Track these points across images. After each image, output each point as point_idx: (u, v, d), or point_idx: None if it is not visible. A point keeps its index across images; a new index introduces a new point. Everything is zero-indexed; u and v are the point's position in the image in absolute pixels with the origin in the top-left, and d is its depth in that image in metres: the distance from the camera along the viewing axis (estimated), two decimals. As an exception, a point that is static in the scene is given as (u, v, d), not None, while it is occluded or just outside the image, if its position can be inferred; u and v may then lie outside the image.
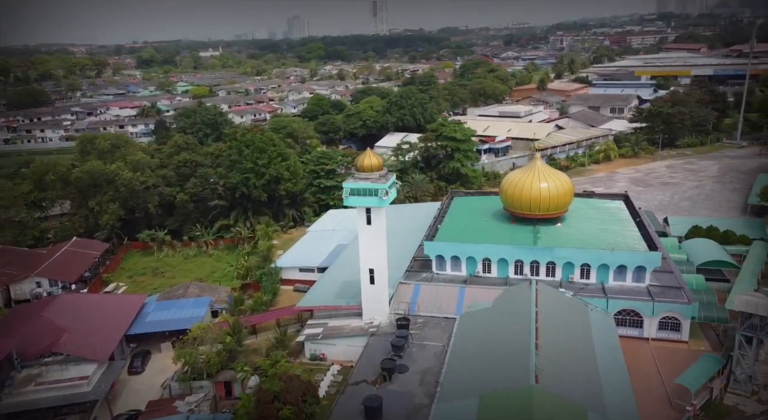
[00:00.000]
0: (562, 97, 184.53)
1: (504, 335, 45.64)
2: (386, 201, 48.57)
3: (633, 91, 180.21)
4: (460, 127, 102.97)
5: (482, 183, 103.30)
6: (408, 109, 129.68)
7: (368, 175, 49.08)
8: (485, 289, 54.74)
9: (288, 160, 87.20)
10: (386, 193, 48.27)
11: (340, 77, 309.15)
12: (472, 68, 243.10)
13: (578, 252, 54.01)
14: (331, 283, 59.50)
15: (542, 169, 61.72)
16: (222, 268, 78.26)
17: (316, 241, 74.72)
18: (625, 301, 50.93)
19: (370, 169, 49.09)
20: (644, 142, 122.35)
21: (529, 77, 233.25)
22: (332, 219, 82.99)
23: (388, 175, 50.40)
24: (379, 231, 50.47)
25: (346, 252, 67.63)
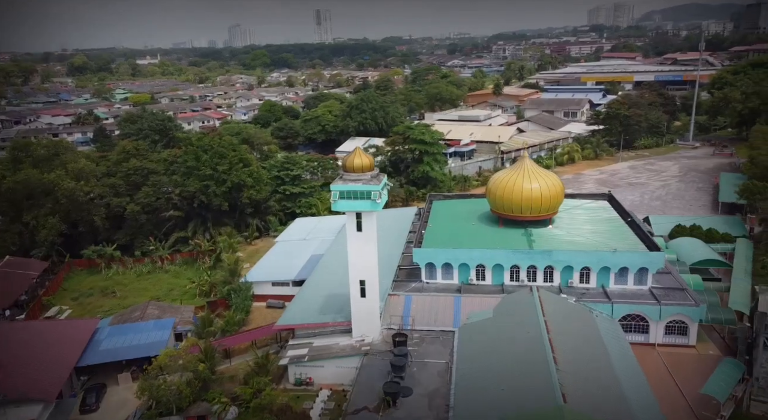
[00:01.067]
0: (515, 102, 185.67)
1: (514, 348, 41.74)
2: (380, 204, 43.91)
3: (583, 95, 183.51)
4: (428, 129, 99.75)
5: (452, 186, 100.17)
6: (369, 112, 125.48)
7: (359, 176, 44.29)
8: (482, 297, 50.85)
9: (250, 165, 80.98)
10: (380, 196, 43.60)
11: (289, 84, 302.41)
12: (424, 74, 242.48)
13: (578, 255, 51.04)
14: (312, 298, 54.04)
15: (531, 168, 58.72)
16: (181, 284, 71.04)
17: (287, 252, 68.93)
18: (630, 305, 48.22)
19: (361, 169, 44.33)
20: (605, 144, 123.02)
21: (480, 83, 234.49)
22: (301, 227, 77.35)
23: (379, 175, 45.81)
24: (370, 238, 45.71)
25: (324, 262, 62.36)
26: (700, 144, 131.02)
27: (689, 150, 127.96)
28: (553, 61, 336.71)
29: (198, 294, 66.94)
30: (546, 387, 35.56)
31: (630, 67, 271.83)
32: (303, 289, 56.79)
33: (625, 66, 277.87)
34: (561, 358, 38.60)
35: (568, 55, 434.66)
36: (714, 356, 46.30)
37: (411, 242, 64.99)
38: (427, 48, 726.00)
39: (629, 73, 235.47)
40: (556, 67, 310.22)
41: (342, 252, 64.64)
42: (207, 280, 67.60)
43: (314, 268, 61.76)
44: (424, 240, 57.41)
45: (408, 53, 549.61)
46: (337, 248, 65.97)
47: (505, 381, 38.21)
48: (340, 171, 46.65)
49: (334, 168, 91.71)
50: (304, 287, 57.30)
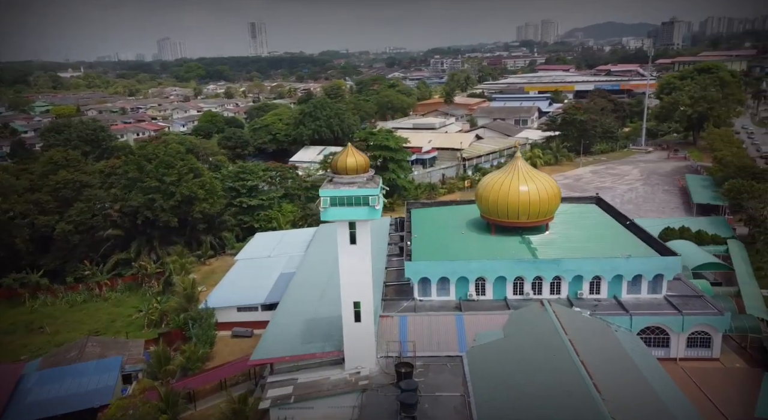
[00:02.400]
0: (465, 110, 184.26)
1: (543, 376, 35.94)
2: (379, 210, 37.25)
3: (531, 103, 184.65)
4: (391, 135, 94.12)
5: (418, 195, 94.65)
6: (324, 120, 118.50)
7: (352, 179, 37.53)
8: (486, 315, 44.98)
9: (202, 175, 72.13)
10: (378, 201, 36.99)
11: (228, 95, 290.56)
12: (370, 84, 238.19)
13: (589, 263, 46.23)
14: (291, 324, 46.33)
15: (524, 170, 53.95)
16: (125, 314, 61.25)
17: (251, 272, 60.69)
18: (650, 317, 43.76)
19: (355, 171, 37.61)
20: (564, 149, 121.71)
21: (428, 93, 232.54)
22: (263, 243, 69.14)
23: (375, 177, 39.25)
24: (365, 252, 38.90)
25: (297, 282, 54.74)
26: (653, 148, 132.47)
27: (643, 154, 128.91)
28: (493, 73, 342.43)
29: (147, 325, 57.60)
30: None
31: (567, 77, 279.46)
32: (277, 315, 48.91)
33: (562, 76, 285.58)
34: (602, 386, 33.12)
35: (505, 67, 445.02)
36: (743, 370, 42.42)
37: (393, 256, 58.73)
38: (365, 61, 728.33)
39: (569, 83, 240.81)
40: (495, 79, 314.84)
41: (317, 269, 57.60)
42: (157, 308, 58.34)
43: (286, 288, 54.00)
44: (412, 253, 51.09)
45: (347, 66, 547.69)
46: (310, 265, 58.66)
47: (541, 415, 32.25)
48: (329, 173, 39.67)
49: (293, 177, 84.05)
50: (278, 312, 49.44)
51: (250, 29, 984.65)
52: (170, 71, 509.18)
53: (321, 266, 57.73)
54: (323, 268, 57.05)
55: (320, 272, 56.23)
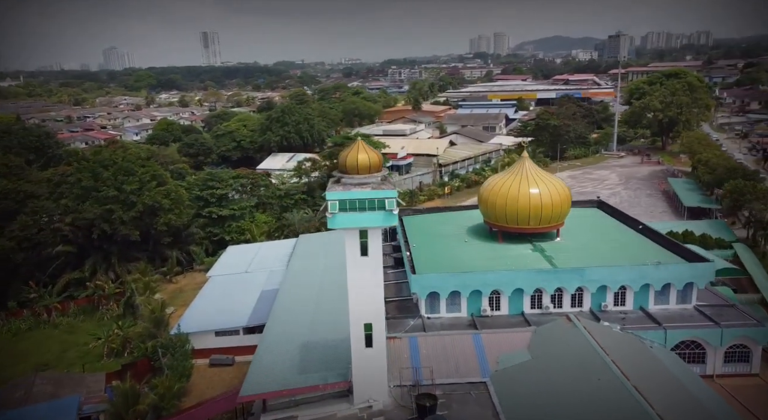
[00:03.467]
0: (433, 117, 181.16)
1: (589, 404, 31.03)
2: (395, 217, 31.75)
3: (497, 110, 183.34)
4: (369, 140, 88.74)
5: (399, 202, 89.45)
6: (293, 125, 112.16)
7: (364, 179, 31.94)
8: (507, 333, 39.95)
9: (167, 183, 64.78)
10: (396, 204, 31.52)
11: (182, 104, 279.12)
12: (332, 92, 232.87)
13: (616, 271, 41.96)
14: (282, 351, 39.99)
15: (531, 170, 49.58)
16: (79, 342, 53.26)
17: (228, 290, 53.87)
18: (686, 330, 39.71)
19: (368, 169, 32.04)
20: (540, 154, 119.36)
21: (393, 100, 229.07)
22: (237, 258, 62.29)
23: (388, 177, 33.79)
24: (377, 265, 33.25)
25: (283, 301, 48.36)
26: (625, 153, 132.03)
27: (616, 159, 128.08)
28: (453, 82, 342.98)
29: (107, 354, 49.96)
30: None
31: (527, 86, 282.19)
32: (265, 340, 42.42)
33: (522, 85, 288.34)
34: (666, 417, 28.47)
35: (463, 77, 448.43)
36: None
37: (387, 267, 53.05)
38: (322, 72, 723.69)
39: (531, 91, 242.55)
40: (456, 87, 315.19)
41: (304, 284, 51.37)
42: (118, 335, 50.77)
43: (271, 308, 47.51)
44: (415, 264, 45.69)
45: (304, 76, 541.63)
46: (295, 280, 52.44)
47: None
48: (335, 173, 33.91)
49: (267, 185, 77.45)
50: (265, 336, 42.94)
51: (203, 39, 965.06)
52: (118, 80, 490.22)
53: (308, 281, 51.69)
54: (311, 284, 51.08)
55: (308, 288, 50.18)
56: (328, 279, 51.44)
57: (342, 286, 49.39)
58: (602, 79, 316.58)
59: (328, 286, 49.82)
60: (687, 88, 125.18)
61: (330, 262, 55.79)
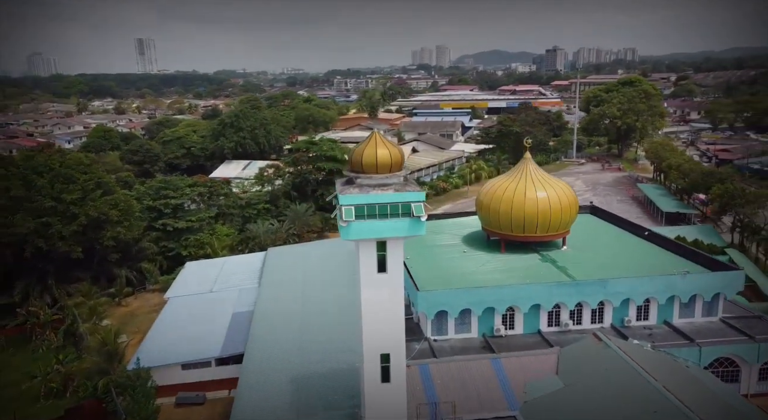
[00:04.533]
0: (388, 125, 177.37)
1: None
2: (424, 224, 26.32)
3: (453, 118, 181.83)
4: (336, 145, 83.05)
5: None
6: (248, 131, 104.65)
7: (385, 179, 26.41)
8: (529, 356, 35.15)
9: (114, 192, 56.59)
10: (425, 209, 26.14)
11: (119, 111, 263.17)
12: (281, 100, 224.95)
13: (640, 282, 38.13)
14: (270, 387, 33.63)
15: (535, 173, 45.46)
16: (9, 382, 44.50)
17: (192, 314, 46.58)
18: (721, 346, 36.20)
19: (388, 167, 26.52)
20: (505, 161, 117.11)
21: (346, 108, 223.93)
22: (199, 276, 54.92)
23: (409, 177, 28.36)
24: (398, 284, 27.64)
25: (260, 323, 41.84)
26: (585, 160, 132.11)
27: (577, 166, 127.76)
28: (402, 91, 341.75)
29: (44, 395, 41.64)
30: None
31: (477, 96, 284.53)
32: (247, 373, 35.82)
33: (472, 95, 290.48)
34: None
35: (410, 87, 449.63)
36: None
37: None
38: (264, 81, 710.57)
39: (482, 101, 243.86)
40: (405, 96, 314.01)
41: (284, 305, 44.93)
42: (59, 371, 42.54)
43: (248, 334, 40.86)
44: (415, 280, 40.28)
45: (247, 84, 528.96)
46: (272, 300, 46.00)
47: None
48: (346, 172, 28.13)
49: (227, 194, 70.14)
50: (246, 368, 36.33)
51: (138, 45, 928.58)
52: (45, 87, 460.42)
53: (288, 300, 45.43)
54: (292, 303, 44.87)
55: (289, 308, 43.94)
56: (312, 296, 45.38)
57: (331, 304, 43.78)
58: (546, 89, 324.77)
59: (314, 305, 43.80)
60: (643, 95, 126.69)
61: (311, 277, 49.71)
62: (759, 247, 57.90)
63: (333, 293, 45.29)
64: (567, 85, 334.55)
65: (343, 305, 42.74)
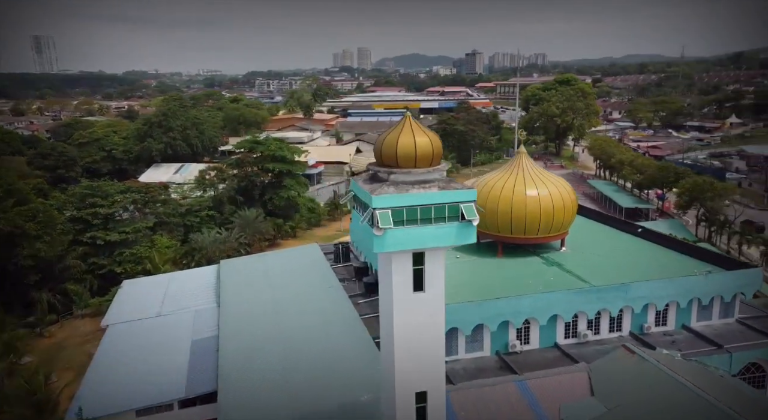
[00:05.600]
0: (322, 125, 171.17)
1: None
2: (474, 229, 21.15)
3: (388, 119, 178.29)
4: (285, 144, 76.34)
5: (322, 215, 78.11)
6: (179, 131, 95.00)
7: (426, 174, 21.07)
8: (557, 375, 30.88)
9: (31, 201, 47.12)
10: (476, 210, 20.99)
11: (16, 112, 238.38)
12: (203, 100, 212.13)
13: (662, 286, 34.97)
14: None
15: (532, 170, 41.64)
16: None
17: (140, 345, 38.70)
18: (752, 351, 33.66)
19: (429, 159, 21.29)
20: (452, 160, 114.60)
21: (275, 108, 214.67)
22: (140, 297, 46.65)
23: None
24: (438, 305, 22.32)
25: (233, 354, 34.91)
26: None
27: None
28: (330, 93, 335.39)
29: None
30: None
31: (407, 97, 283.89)
32: (227, 417, 29.00)
33: (402, 96, 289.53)
34: None
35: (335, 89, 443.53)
36: None
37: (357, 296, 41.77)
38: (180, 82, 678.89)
39: (413, 101, 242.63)
40: (332, 98, 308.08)
41: (256, 328, 38.20)
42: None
43: (218, 366, 33.90)
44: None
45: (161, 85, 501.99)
46: (240, 323, 39.14)
47: None
48: (372, 167, 22.41)
49: (165, 200, 61.63)
50: (224, 411, 29.46)
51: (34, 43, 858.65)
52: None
53: (258, 323, 38.77)
54: (264, 326, 38.30)
55: (263, 333, 37.40)
56: (288, 316, 39.03)
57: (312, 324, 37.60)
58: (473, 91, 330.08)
59: (292, 326, 37.49)
60: (580, 94, 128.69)
61: (280, 293, 43.24)
62: (730, 240, 57.50)
63: (312, 311, 39.21)
64: (492, 87, 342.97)
65: (329, 324, 36.89)
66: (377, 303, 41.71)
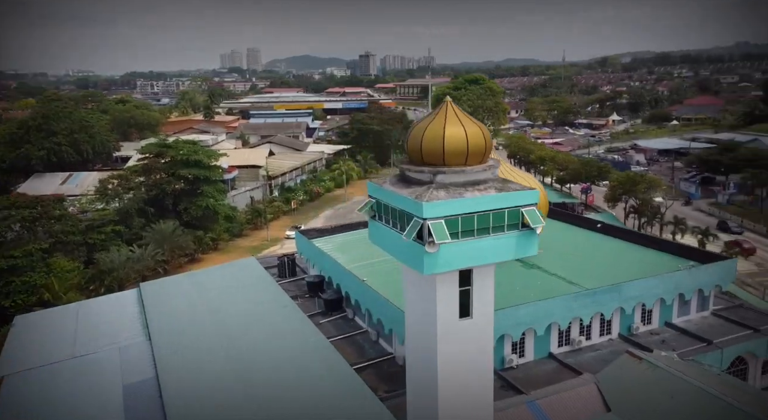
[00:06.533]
0: (223, 128, 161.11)
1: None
2: (537, 239, 17.37)
3: (294, 119, 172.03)
4: (200, 147, 68.72)
5: (243, 224, 71.20)
6: (65, 135, 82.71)
7: (480, 172, 16.98)
8: (567, 391, 28.13)
9: None
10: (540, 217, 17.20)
11: None
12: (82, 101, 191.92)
13: (652, 284, 33.51)
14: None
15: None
16: None
17: (53, 398, 30.75)
18: (739, 345, 32.97)
19: (481, 154, 17.28)
20: (372, 160, 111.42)
21: (169, 110, 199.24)
22: (42, 335, 38.02)
23: (493, 169, 19.04)
24: (485, 333, 18.31)
25: (183, 400, 28.48)
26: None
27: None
28: (224, 94, 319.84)
29: None
30: None
31: (308, 98, 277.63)
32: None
33: (302, 97, 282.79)
34: None
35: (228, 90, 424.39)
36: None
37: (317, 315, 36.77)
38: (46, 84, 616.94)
39: (316, 102, 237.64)
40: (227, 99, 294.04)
41: (204, 362, 31.84)
42: None
43: (163, 417, 27.36)
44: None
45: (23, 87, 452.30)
46: (181, 359, 32.60)
47: None
48: (404, 166, 17.78)
49: (63, 215, 52.02)
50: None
51: None
52: None
53: (209, 358, 32.42)
54: (217, 361, 32.06)
55: (217, 370, 31.14)
56: (245, 347, 32.99)
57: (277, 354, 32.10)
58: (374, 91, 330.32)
59: (254, 359, 31.61)
60: (489, 93, 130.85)
61: (228, 318, 36.93)
62: (662, 231, 59.15)
63: (269, 337, 33.67)
64: (393, 87, 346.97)
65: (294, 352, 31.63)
66: (341, 322, 37.13)
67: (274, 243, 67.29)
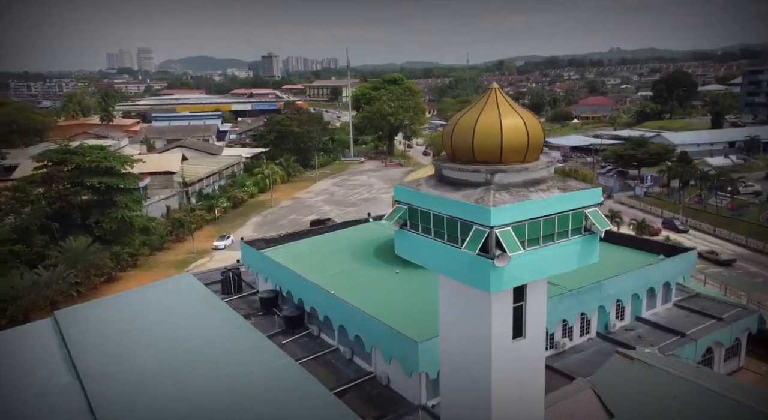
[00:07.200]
0: (123, 132, 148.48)
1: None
2: (597, 244, 15.21)
3: (202, 122, 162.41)
4: (113, 153, 61.47)
5: (164, 236, 64.62)
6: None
7: (536, 171, 14.39)
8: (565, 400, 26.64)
9: None
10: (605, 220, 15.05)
11: None
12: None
13: (628, 280, 33.10)
14: None
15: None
16: None
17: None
18: (708, 336, 33.28)
19: (537, 150, 14.93)
20: (296, 164, 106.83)
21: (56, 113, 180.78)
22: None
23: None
24: (537, 353, 16.00)
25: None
26: (364, 158, 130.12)
27: (358, 165, 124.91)
28: (116, 96, 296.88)
29: None
30: None
31: (213, 99, 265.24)
32: None
33: (207, 99, 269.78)
34: None
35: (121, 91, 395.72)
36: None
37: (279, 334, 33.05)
38: None
39: (223, 104, 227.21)
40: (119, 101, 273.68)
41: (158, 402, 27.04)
42: None
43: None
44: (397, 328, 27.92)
45: None
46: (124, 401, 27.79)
47: None
48: (444, 165, 14.90)
49: None
50: None
51: None
52: None
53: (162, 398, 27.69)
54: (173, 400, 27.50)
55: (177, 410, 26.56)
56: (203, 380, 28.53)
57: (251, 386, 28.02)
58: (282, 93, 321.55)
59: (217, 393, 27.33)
60: (408, 93, 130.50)
61: (175, 347, 32.12)
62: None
63: (230, 364, 29.45)
64: (302, 89, 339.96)
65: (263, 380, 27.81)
66: (306, 341, 33.53)
67: (202, 255, 61.48)
